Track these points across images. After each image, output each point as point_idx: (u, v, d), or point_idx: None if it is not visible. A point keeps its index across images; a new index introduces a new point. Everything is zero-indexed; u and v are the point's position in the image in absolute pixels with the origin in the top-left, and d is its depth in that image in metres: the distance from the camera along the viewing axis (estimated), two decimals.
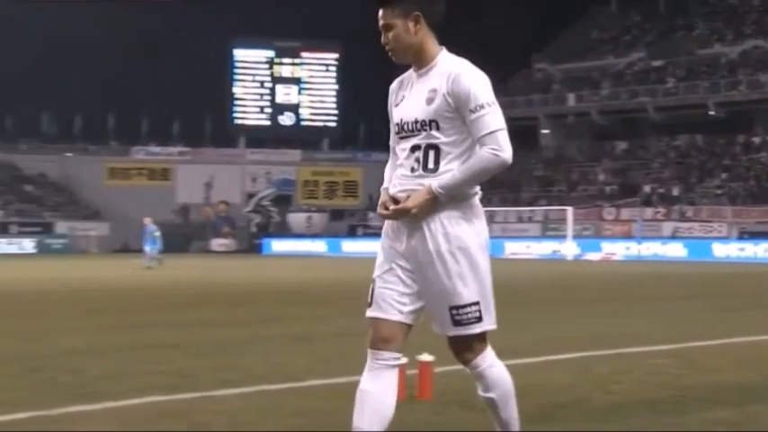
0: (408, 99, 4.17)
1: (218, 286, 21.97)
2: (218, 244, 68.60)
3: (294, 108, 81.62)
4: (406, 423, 5.26)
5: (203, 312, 14.31)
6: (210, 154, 76.77)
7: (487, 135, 3.97)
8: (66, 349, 9.02)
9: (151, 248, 34.81)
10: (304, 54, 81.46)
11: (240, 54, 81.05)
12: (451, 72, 4.03)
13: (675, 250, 50.42)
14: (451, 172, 4.03)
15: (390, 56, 4.15)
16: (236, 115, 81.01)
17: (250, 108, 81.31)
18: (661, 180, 62.03)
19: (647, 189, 60.89)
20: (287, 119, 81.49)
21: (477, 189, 4.15)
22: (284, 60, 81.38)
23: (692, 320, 12.66)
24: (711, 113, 64.91)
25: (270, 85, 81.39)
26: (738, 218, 54.42)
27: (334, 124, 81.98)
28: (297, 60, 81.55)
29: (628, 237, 54.04)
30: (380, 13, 4.07)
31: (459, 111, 4.02)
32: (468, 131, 4.04)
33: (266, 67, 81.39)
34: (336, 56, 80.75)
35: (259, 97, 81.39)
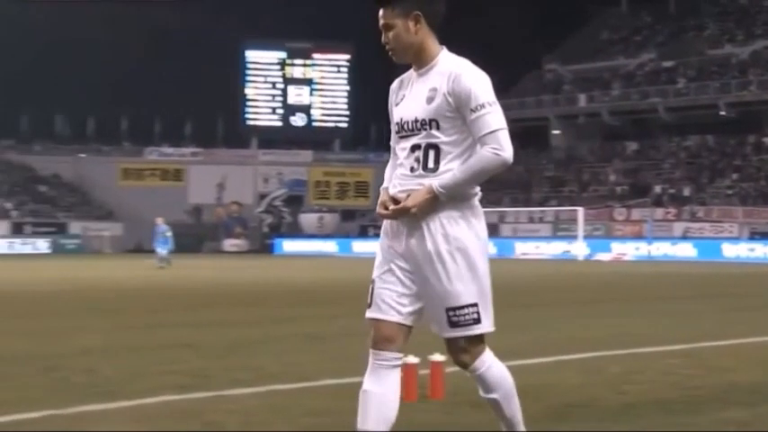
0: (408, 98, 4.15)
1: (231, 286, 21.91)
2: (230, 244, 68.66)
3: (306, 109, 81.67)
4: (417, 423, 5.28)
5: (216, 312, 14.29)
6: (223, 155, 76.82)
7: (488, 134, 3.96)
8: (81, 349, 9.01)
9: (162, 248, 34.96)
10: (315, 55, 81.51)
11: (252, 55, 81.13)
12: (452, 71, 4.02)
13: (685, 250, 50.30)
14: (452, 171, 4.01)
15: (390, 55, 4.14)
16: (248, 116, 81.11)
17: (262, 109, 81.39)
18: (672, 180, 61.86)
19: (657, 189, 60.72)
20: (299, 120, 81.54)
21: (478, 190, 4.12)
22: (296, 61, 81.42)
23: (704, 321, 12.64)
24: (722, 114, 64.79)
25: (282, 86, 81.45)
26: (749, 218, 54.25)
27: (345, 125, 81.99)
28: (308, 61, 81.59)
29: (639, 237, 53.91)
30: (381, 12, 4.06)
31: (459, 110, 4.01)
32: (469, 131, 4.02)
33: (278, 68, 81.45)
34: (348, 57, 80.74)
35: (271, 98, 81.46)
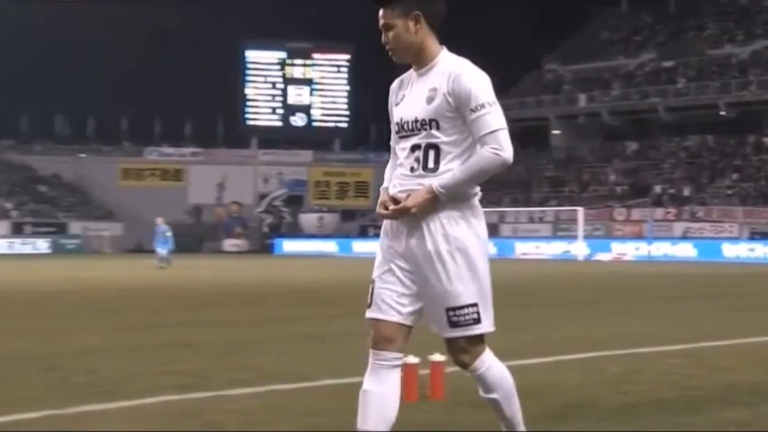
0: (408, 98, 4.15)
1: (231, 286, 21.93)
2: (230, 244, 68.73)
3: (306, 109, 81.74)
4: (417, 423, 5.29)
5: (216, 312, 14.31)
6: (223, 155, 76.89)
7: (488, 134, 3.95)
8: (81, 349, 9.03)
9: (162, 248, 34.96)
10: (315, 55, 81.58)
11: (252, 55, 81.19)
12: (452, 71, 4.02)
13: (685, 250, 50.33)
14: (452, 171, 4.00)
15: (390, 55, 4.13)
16: (248, 116, 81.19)
17: (262, 109, 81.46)
18: (672, 180, 61.90)
19: (657, 189, 60.77)
20: (299, 120, 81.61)
21: (478, 190, 4.11)
22: (296, 61, 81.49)
23: (704, 321, 12.66)
24: (722, 114, 64.86)
25: (282, 87, 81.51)
26: (749, 218, 54.28)
27: (345, 125, 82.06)
28: (308, 61, 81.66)
29: (639, 237, 53.94)
30: (381, 12, 4.06)
31: (459, 110, 4.00)
32: (469, 131, 4.02)
33: (278, 68, 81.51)
34: (348, 57, 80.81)
35: (271, 98, 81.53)
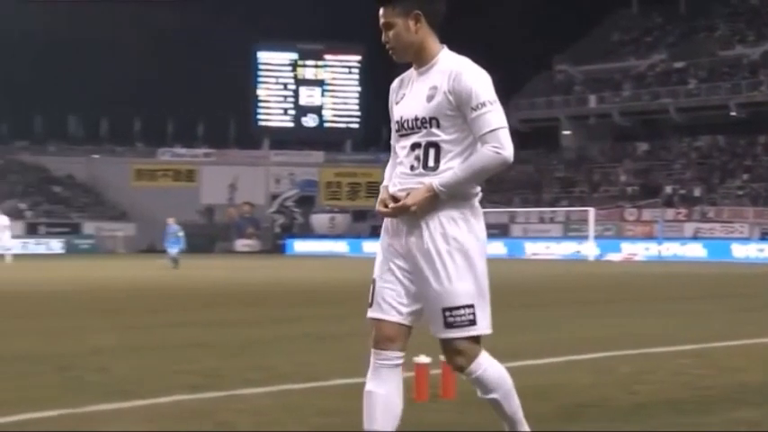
0: (409, 97, 4.16)
1: (243, 286, 21.91)
2: (242, 244, 68.76)
3: (317, 110, 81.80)
4: (429, 423, 5.37)
5: (228, 312, 14.36)
6: (235, 155, 76.88)
7: (489, 133, 3.95)
8: (94, 348, 9.07)
9: (173, 248, 35.11)
10: (327, 56, 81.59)
11: (264, 56, 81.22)
12: (453, 70, 4.02)
13: (695, 251, 50.41)
14: (452, 170, 4.00)
15: (391, 54, 4.15)
16: (259, 117, 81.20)
17: (274, 110, 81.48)
18: (682, 181, 61.80)
19: (668, 190, 60.65)
20: (310, 120, 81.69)
21: (479, 190, 4.11)
22: (307, 63, 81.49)
23: (714, 321, 12.66)
24: (733, 114, 64.73)
25: (293, 88, 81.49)
26: (760, 218, 54.11)
27: (356, 126, 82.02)
28: (320, 62, 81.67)
29: (649, 237, 53.97)
30: (381, 11, 4.07)
31: (460, 109, 4.00)
32: (469, 129, 4.02)
33: (290, 69, 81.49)
34: (359, 58, 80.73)
35: (282, 99, 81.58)
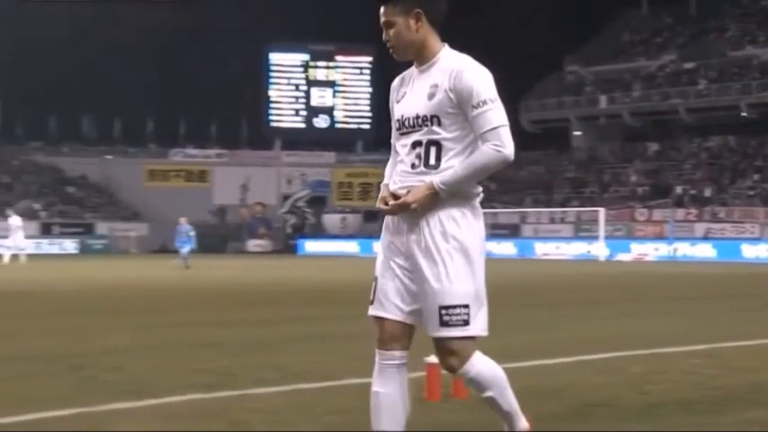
0: (410, 95, 4.14)
1: (255, 286, 21.97)
2: (254, 245, 68.86)
3: (329, 111, 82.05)
4: (441, 422, 5.43)
5: (240, 312, 14.45)
6: (247, 156, 77.06)
7: (490, 131, 3.95)
8: (107, 348, 9.14)
9: (183, 247, 35.17)
10: (338, 57, 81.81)
11: (276, 58, 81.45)
12: (454, 68, 4.01)
13: (705, 251, 50.46)
14: (453, 168, 3.98)
15: (391, 53, 4.15)
16: (271, 118, 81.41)
17: (285, 111, 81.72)
18: (693, 181, 61.70)
19: (678, 190, 60.54)
20: (322, 121, 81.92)
21: (480, 190, 4.10)
22: (319, 64, 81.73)
23: (725, 321, 12.65)
24: (743, 115, 64.72)
25: (305, 88, 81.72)
26: None
27: (367, 126, 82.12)
28: (331, 64, 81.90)
29: (660, 238, 53.99)
30: (381, 10, 4.07)
31: (461, 107, 3.99)
32: (470, 128, 4.01)
33: (301, 70, 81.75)
34: (370, 59, 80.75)
35: (294, 100, 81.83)
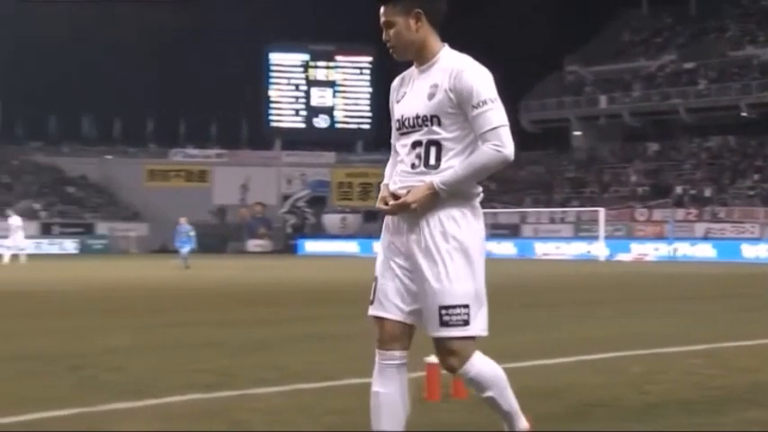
0: (409, 95, 4.14)
1: (255, 286, 21.98)
2: (254, 245, 68.87)
3: (329, 111, 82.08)
4: (441, 422, 5.43)
5: (240, 311, 14.46)
6: (247, 156, 77.09)
7: (490, 131, 3.95)
8: (107, 348, 9.16)
9: (183, 247, 35.16)
10: (338, 57, 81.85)
11: (276, 58, 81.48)
12: (454, 68, 4.01)
13: (705, 251, 50.46)
14: (453, 168, 3.98)
15: (391, 53, 4.15)
16: (271, 118, 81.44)
17: (285, 111, 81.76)
18: (693, 181, 61.71)
19: (678, 190, 60.55)
20: (322, 121, 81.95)
21: (480, 190, 4.10)
22: (319, 64, 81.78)
23: (726, 321, 12.66)
24: (743, 115, 64.76)
25: (305, 89, 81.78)
26: None
27: (368, 126, 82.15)
28: (331, 64, 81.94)
29: (660, 238, 53.98)
30: (381, 10, 4.07)
31: (461, 107, 3.99)
32: (470, 128, 4.01)
33: (301, 70, 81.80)
34: (370, 59, 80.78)
35: (294, 100, 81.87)
